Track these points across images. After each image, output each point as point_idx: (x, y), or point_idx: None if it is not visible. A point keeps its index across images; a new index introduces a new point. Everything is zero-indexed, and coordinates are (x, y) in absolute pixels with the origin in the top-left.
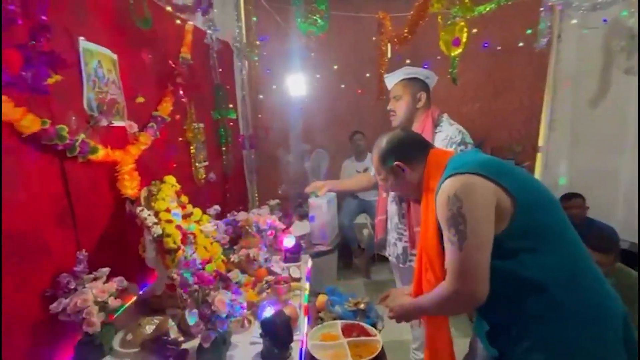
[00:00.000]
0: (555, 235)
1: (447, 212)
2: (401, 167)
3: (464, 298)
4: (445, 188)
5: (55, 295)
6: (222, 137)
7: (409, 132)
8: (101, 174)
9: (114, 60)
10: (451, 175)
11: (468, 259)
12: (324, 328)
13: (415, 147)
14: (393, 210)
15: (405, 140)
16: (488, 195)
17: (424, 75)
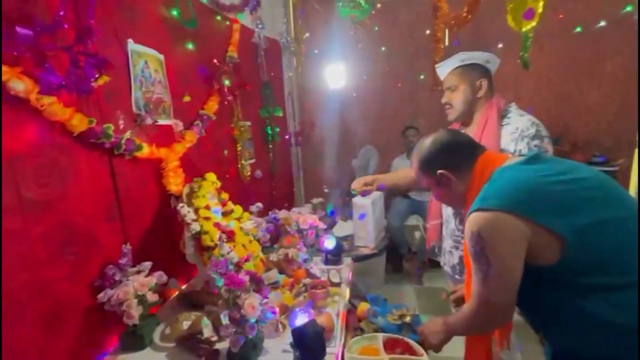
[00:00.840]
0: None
1: (470, 248)
2: (446, 176)
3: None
4: (470, 222)
5: (103, 286)
6: (268, 135)
7: (455, 135)
8: (148, 171)
9: (161, 60)
10: (480, 208)
11: (489, 296)
12: (363, 340)
13: (462, 152)
14: (449, 214)
15: (450, 144)
16: (518, 237)
17: (483, 59)
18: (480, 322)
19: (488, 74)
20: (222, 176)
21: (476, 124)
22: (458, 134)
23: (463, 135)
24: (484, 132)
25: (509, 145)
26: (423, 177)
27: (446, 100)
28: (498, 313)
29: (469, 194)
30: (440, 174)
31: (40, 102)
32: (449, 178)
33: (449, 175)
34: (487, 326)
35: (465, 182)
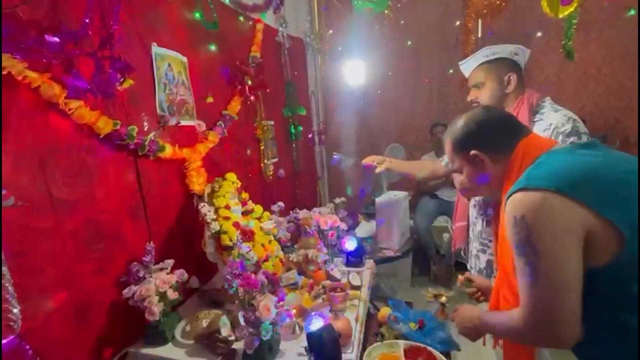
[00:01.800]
0: None
1: (513, 236)
2: (479, 158)
3: (540, 338)
4: (512, 205)
5: (128, 282)
6: (292, 134)
7: (495, 112)
8: (171, 171)
9: (184, 62)
10: (524, 188)
11: (543, 299)
12: (383, 347)
13: (501, 133)
14: (476, 216)
15: (488, 122)
16: (573, 223)
17: (511, 52)
18: (532, 335)
19: (517, 68)
20: (244, 176)
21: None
22: (497, 111)
23: (503, 113)
24: None
25: None
26: (455, 158)
27: (472, 98)
28: (557, 324)
29: (506, 180)
30: (473, 155)
31: (68, 106)
32: (483, 160)
33: (483, 157)
34: (541, 340)
35: (501, 166)
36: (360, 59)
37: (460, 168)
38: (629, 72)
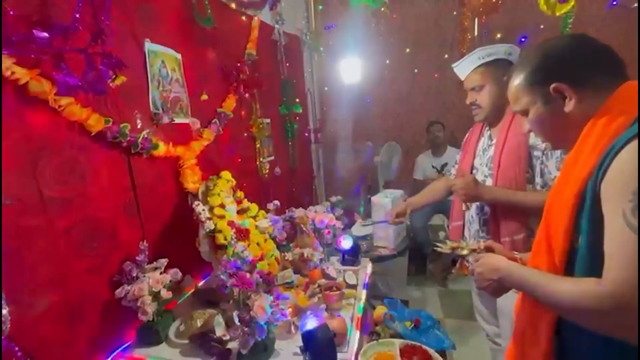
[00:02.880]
0: None
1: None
2: (562, 92)
3: (620, 325)
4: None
5: (121, 281)
6: (288, 132)
7: (591, 42)
8: (165, 169)
9: (178, 59)
10: None
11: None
12: (379, 345)
13: (598, 66)
14: (472, 216)
15: (580, 51)
16: None
17: (505, 52)
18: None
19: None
20: (240, 174)
21: (502, 121)
22: (593, 41)
23: (602, 44)
24: (510, 129)
25: (539, 142)
26: (525, 94)
27: (472, 101)
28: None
29: (590, 126)
30: (555, 88)
31: (58, 102)
32: (567, 96)
33: (568, 92)
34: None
35: (588, 108)
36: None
37: (526, 108)
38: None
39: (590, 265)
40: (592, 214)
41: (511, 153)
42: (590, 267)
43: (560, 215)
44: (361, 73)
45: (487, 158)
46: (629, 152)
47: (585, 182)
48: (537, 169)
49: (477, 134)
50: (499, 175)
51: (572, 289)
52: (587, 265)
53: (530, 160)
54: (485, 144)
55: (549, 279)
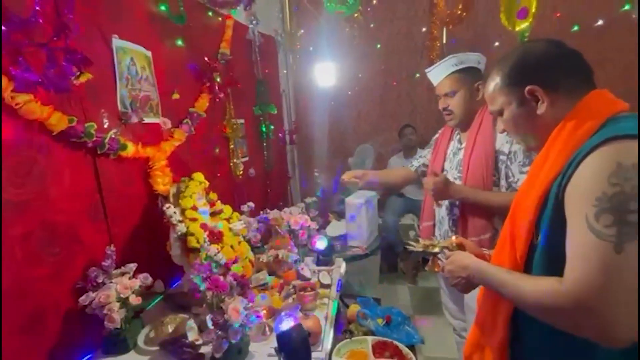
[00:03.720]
0: None
1: (607, 187)
2: (536, 95)
3: (591, 322)
4: (616, 150)
5: (85, 288)
6: (263, 133)
7: (565, 48)
8: (134, 170)
9: (148, 57)
10: (634, 136)
11: (628, 268)
12: (352, 343)
13: (571, 71)
14: (442, 216)
15: (555, 56)
16: None
17: (475, 60)
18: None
19: (481, 76)
20: (213, 175)
21: (471, 127)
22: (566, 47)
23: (575, 52)
24: (478, 134)
25: (504, 147)
26: (501, 95)
27: (444, 107)
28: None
29: (559, 129)
30: (530, 90)
31: (15, 100)
32: (540, 99)
33: (541, 95)
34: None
35: (559, 111)
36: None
37: (501, 108)
38: None
39: (548, 262)
40: (553, 215)
41: (479, 157)
42: (547, 265)
43: (524, 214)
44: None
45: (456, 161)
46: (594, 160)
47: (550, 184)
48: (502, 172)
49: (447, 137)
50: (468, 177)
51: (535, 288)
52: (545, 263)
53: (496, 164)
54: (455, 148)
55: (515, 277)
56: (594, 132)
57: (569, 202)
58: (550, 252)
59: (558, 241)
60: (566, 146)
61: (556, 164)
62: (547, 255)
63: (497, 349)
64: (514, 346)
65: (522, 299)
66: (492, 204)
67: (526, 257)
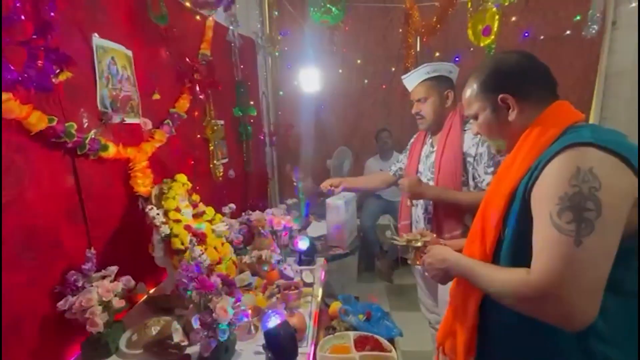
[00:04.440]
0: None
1: (568, 188)
2: (508, 103)
3: (555, 309)
4: (576, 155)
5: (63, 293)
6: (242, 134)
7: (534, 61)
8: (114, 172)
9: (129, 56)
10: (592, 144)
11: (586, 260)
12: (335, 339)
13: (539, 82)
14: (419, 215)
15: (525, 68)
16: (630, 195)
17: (447, 70)
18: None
19: (452, 84)
20: (193, 176)
21: (441, 131)
22: (538, 61)
23: (543, 65)
24: (448, 138)
25: (471, 150)
26: (477, 101)
27: (417, 111)
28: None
29: (526, 134)
30: (502, 98)
31: None
32: (511, 107)
33: (512, 103)
34: (547, 313)
35: (527, 118)
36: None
37: (477, 113)
38: None
39: (514, 254)
40: (520, 212)
41: (449, 159)
42: (513, 256)
43: (493, 210)
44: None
45: (429, 163)
46: (557, 164)
47: (517, 183)
48: (470, 173)
49: (420, 140)
50: (439, 178)
51: (506, 278)
52: (511, 254)
53: (465, 165)
54: (428, 151)
55: (489, 268)
56: (556, 138)
57: (535, 201)
58: (516, 245)
59: (523, 235)
60: (532, 150)
61: (523, 166)
62: (514, 247)
63: (468, 332)
64: (481, 330)
65: (494, 289)
66: (461, 202)
67: (494, 249)
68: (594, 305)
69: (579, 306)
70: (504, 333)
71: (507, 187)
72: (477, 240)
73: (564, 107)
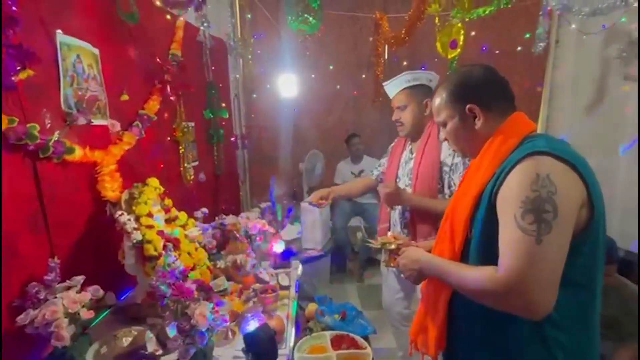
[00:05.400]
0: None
1: (530, 192)
2: (474, 112)
3: (519, 302)
4: (535, 164)
5: (23, 306)
6: (213, 137)
7: (497, 75)
8: (80, 176)
9: (96, 55)
10: (548, 153)
11: (545, 257)
12: (312, 339)
13: (501, 95)
14: (396, 219)
15: (490, 81)
16: (578, 203)
17: (427, 79)
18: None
19: (431, 93)
20: (163, 180)
21: (420, 139)
22: (499, 74)
23: (503, 78)
24: (426, 147)
25: (448, 159)
26: (445, 110)
27: (397, 118)
28: (542, 293)
29: (490, 142)
30: (469, 108)
31: None
32: (477, 116)
33: (478, 113)
34: (513, 306)
35: (490, 126)
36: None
37: (445, 121)
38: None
39: (480, 252)
40: (486, 214)
41: (427, 167)
42: (480, 254)
43: (461, 212)
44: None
45: (408, 169)
46: (519, 171)
47: (483, 187)
48: (445, 181)
49: (400, 147)
50: (417, 184)
51: (476, 275)
52: (477, 253)
53: (441, 174)
54: (407, 157)
55: (458, 267)
56: (515, 147)
57: (501, 204)
58: (482, 244)
59: (489, 235)
60: (495, 157)
61: (488, 171)
62: (480, 246)
63: (438, 327)
64: (449, 324)
65: (465, 285)
66: (437, 210)
67: (462, 248)
68: (552, 296)
69: (540, 298)
70: (470, 325)
71: (474, 191)
72: (447, 240)
73: (521, 118)
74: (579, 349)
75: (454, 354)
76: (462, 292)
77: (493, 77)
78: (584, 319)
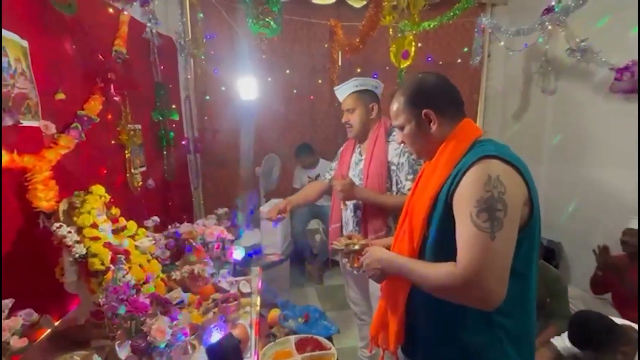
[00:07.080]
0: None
1: (483, 193)
2: (430, 117)
3: (476, 294)
4: (487, 166)
5: None
6: (162, 140)
7: (449, 83)
8: (7, 184)
9: (24, 47)
10: (497, 157)
11: (499, 251)
12: (276, 345)
13: (453, 101)
14: (348, 218)
15: (444, 89)
16: (521, 193)
17: (373, 85)
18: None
19: (377, 98)
20: (107, 187)
21: (368, 140)
22: (450, 82)
23: (455, 87)
24: (374, 147)
25: (394, 159)
26: (403, 114)
27: (346, 121)
28: (496, 285)
29: (443, 146)
30: (426, 113)
31: None
32: (432, 122)
33: (433, 118)
34: (469, 298)
35: (444, 131)
36: (239, 69)
37: (402, 124)
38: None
39: (437, 250)
40: (442, 214)
41: (376, 167)
42: (437, 252)
43: (419, 212)
44: (243, 87)
45: (358, 170)
46: (473, 173)
47: (439, 188)
48: (393, 179)
49: (350, 149)
50: (368, 183)
51: (436, 272)
52: (434, 250)
53: (389, 173)
54: (357, 159)
55: (420, 265)
56: (466, 151)
57: (457, 204)
58: (438, 242)
59: (445, 233)
60: (449, 160)
61: (443, 174)
62: (437, 244)
63: (398, 322)
64: (408, 319)
65: (426, 282)
66: (387, 205)
67: (420, 246)
68: (504, 287)
69: (494, 289)
70: (426, 318)
71: (431, 192)
72: (406, 239)
73: (470, 124)
74: (521, 330)
75: (412, 346)
76: (423, 288)
77: (446, 85)
78: (524, 304)
